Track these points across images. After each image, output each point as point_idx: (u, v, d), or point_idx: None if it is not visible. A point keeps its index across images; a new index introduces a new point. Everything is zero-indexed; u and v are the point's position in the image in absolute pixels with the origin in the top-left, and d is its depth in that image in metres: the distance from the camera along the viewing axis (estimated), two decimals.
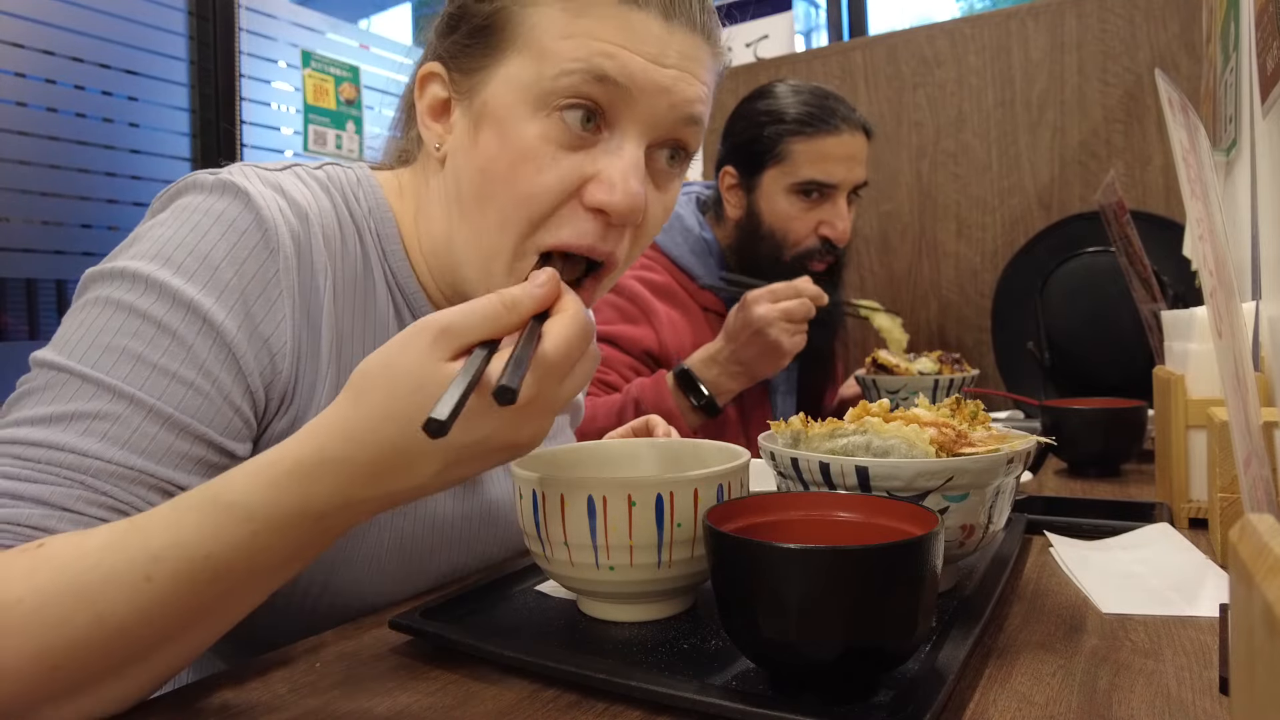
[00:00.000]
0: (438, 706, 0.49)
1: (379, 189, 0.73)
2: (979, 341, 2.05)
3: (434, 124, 0.70)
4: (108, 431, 0.55)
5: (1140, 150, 1.88)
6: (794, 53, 2.44)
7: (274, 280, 0.62)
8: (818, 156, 1.44)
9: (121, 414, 0.55)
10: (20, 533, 0.51)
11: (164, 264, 0.59)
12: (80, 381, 0.55)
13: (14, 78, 1.86)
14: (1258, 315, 0.84)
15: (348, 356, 0.68)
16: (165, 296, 0.58)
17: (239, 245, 0.61)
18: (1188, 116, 0.52)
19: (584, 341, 0.50)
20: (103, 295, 0.58)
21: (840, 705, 0.45)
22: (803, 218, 1.47)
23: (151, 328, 0.57)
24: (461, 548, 0.77)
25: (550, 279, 0.51)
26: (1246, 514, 0.25)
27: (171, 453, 0.57)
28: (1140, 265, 1.20)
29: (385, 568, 0.71)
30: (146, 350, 0.57)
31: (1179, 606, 0.60)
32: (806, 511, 0.55)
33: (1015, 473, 0.62)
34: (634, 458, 0.73)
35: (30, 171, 1.87)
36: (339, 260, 0.67)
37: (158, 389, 0.56)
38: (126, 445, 0.55)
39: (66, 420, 0.54)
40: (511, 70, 0.64)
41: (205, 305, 0.58)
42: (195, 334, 0.58)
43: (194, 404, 0.58)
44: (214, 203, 0.62)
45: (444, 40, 0.69)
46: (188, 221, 0.61)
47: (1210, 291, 0.46)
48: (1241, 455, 0.39)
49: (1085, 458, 1.13)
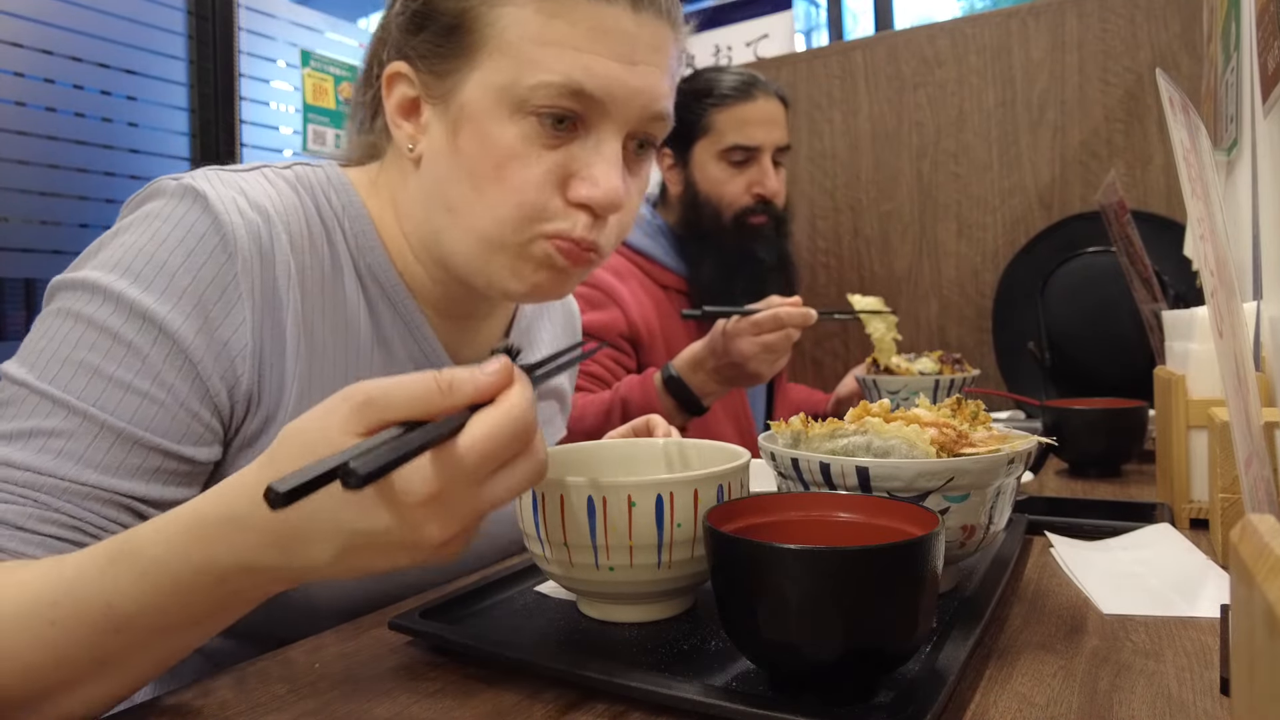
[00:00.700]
0: (438, 706, 0.49)
1: (350, 186, 0.74)
2: (980, 341, 2.05)
3: (405, 123, 0.71)
4: (62, 448, 0.56)
5: (1141, 150, 1.88)
6: (794, 52, 2.44)
7: (232, 283, 0.62)
8: (739, 123, 1.58)
9: (75, 430, 0.57)
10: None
11: (122, 273, 0.60)
12: (39, 398, 0.57)
13: (13, 77, 1.86)
14: (1259, 315, 0.84)
15: (319, 353, 0.68)
16: (122, 307, 0.59)
17: (196, 250, 0.62)
18: (1189, 116, 0.52)
19: (515, 442, 0.44)
20: (64, 307, 0.60)
21: (840, 706, 0.45)
22: (734, 181, 1.60)
23: (108, 340, 0.59)
24: None
25: (503, 368, 0.45)
26: (1247, 514, 0.25)
27: (125, 466, 0.58)
28: (1141, 265, 1.20)
29: None
30: (103, 363, 0.58)
31: (1180, 607, 0.60)
32: (807, 512, 0.55)
33: (1016, 473, 0.62)
34: (634, 458, 0.72)
35: (29, 171, 1.87)
36: (306, 257, 0.68)
37: (112, 402, 0.58)
38: (80, 461, 0.57)
39: (25, 437, 0.56)
40: (487, 75, 0.65)
41: (161, 313, 0.60)
42: (151, 344, 0.60)
43: (148, 414, 0.59)
44: (174, 208, 0.63)
45: (410, 38, 0.69)
46: (148, 229, 0.62)
47: (1211, 291, 0.46)
48: (1242, 455, 0.39)
49: (1086, 458, 1.13)
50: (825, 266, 2.26)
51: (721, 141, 1.59)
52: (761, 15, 2.89)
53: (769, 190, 1.60)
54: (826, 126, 2.24)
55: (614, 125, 0.66)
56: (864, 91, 2.19)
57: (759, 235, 1.60)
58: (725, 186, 1.60)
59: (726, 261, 1.59)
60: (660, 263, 1.63)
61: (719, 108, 1.60)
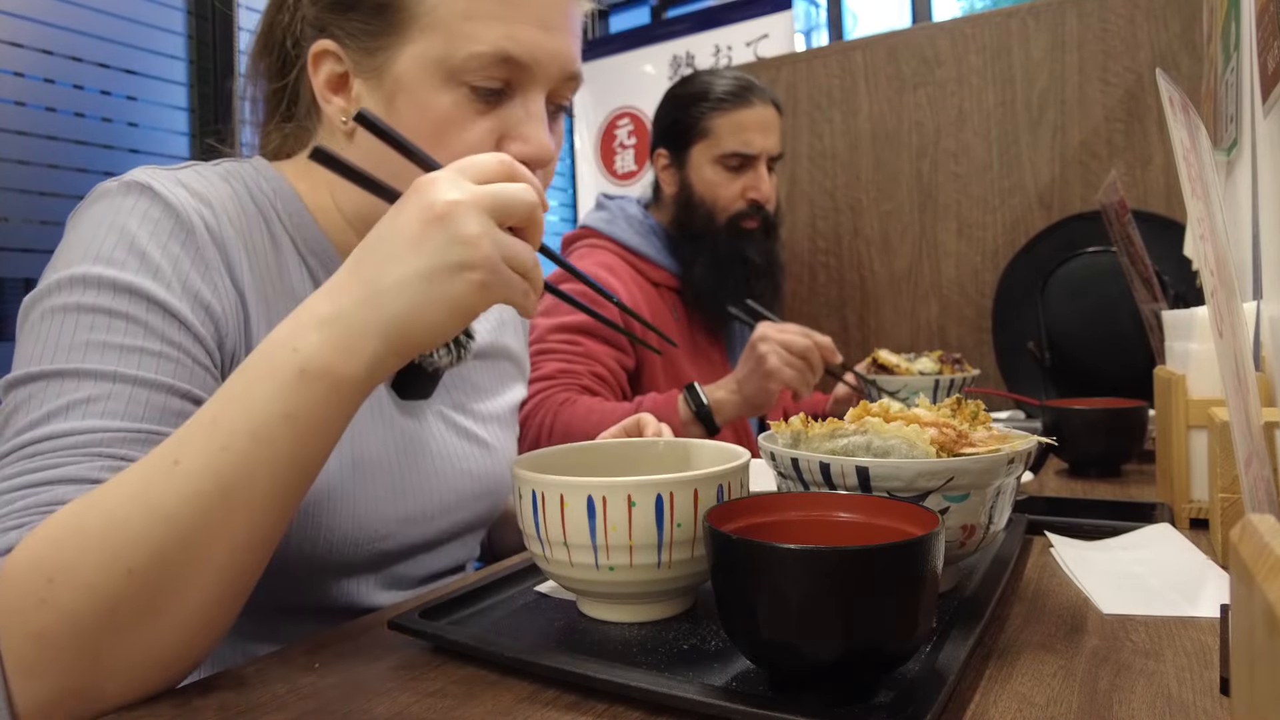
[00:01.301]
0: (438, 706, 0.49)
1: (278, 175, 0.76)
2: (980, 341, 2.05)
3: (335, 98, 0.74)
4: (104, 409, 0.58)
5: (1141, 150, 1.88)
6: (794, 52, 2.44)
7: (198, 255, 0.66)
8: (737, 129, 1.62)
9: (111, 391, 0.59)
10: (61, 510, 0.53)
11: (95, 260, 0.62)
12: (61, 379, 0.58)
13: (12, 77, 1.86)
14: (1259, 315, 0.84)
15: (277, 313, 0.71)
16: (105, 287, 0.61)
17: (157, 230, 0.64)
18: (1189, 116, 0.52)
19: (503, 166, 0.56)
20: (47, 308, 0.61)
21: (840, 706, 0.45)
22: (729, 185, 1.63)
23: (105, 317, 0.61)
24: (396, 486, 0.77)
25: None
26: (1247, 514, 0.25)
27: (168, 411, 0.60)
28: (1141, 265, 1.20)
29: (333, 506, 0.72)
30: (108, 336, 0.60)
31: (1180, 607, 0.60)
32: (806, 512, 0.55)
33: (1016, 473, 0.62)
34: (634, 458, 0.73)
35: (29, 171, 1.87)
36: (248, 237, 0.71)
37: (132, 363, 0.60)
38: (125, 415, 0.58)
39: (63, 412, 0.57)
40: (419, 49, 0.70)
41: (144, 286, 0.62)
42: (145, 311, 0.62)
43: (169, 367, 0.62)
44: (123, 201, 0.65)
45: (336, 18, 0.72)
46: (104, 222, 0.64)
47: (1211, 291, 0.46)
48: (1242, 455, 0.39)
49: (1086, 458, 1.13)
50: (825, 266, 2.26)
51: (719, 146, 1.62)
52: (761, 15, 2.89)
53: (763, 196, 1.64)
54: (826, 126, 2.24)
55: (537, 87, 0.72)
56: (864, 91, 2.19)
57: (750, 238, 1.63)
58: (720, 190, 1.63)
59: (718, 262, 1.62)
60: (652, 260, 1.66)
61: (717, 112, 1.63)
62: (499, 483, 0.88)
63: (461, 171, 0.55)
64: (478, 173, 0.55)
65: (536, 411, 1.45)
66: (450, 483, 0.81)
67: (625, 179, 3.17)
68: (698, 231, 1.64)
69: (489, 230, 0.53)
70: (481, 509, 0.86)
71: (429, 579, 0.83)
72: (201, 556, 0.51)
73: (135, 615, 0.50)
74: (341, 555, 0.73)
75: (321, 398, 0.52)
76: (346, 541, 0.73)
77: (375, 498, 0.74)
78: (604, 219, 1.69)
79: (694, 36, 3.02)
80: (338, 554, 0.72)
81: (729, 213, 1.63)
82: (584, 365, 1.50)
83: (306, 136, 0.80)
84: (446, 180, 0.54)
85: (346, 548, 0.73)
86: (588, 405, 1.41)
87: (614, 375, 1.54)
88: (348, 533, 0.73)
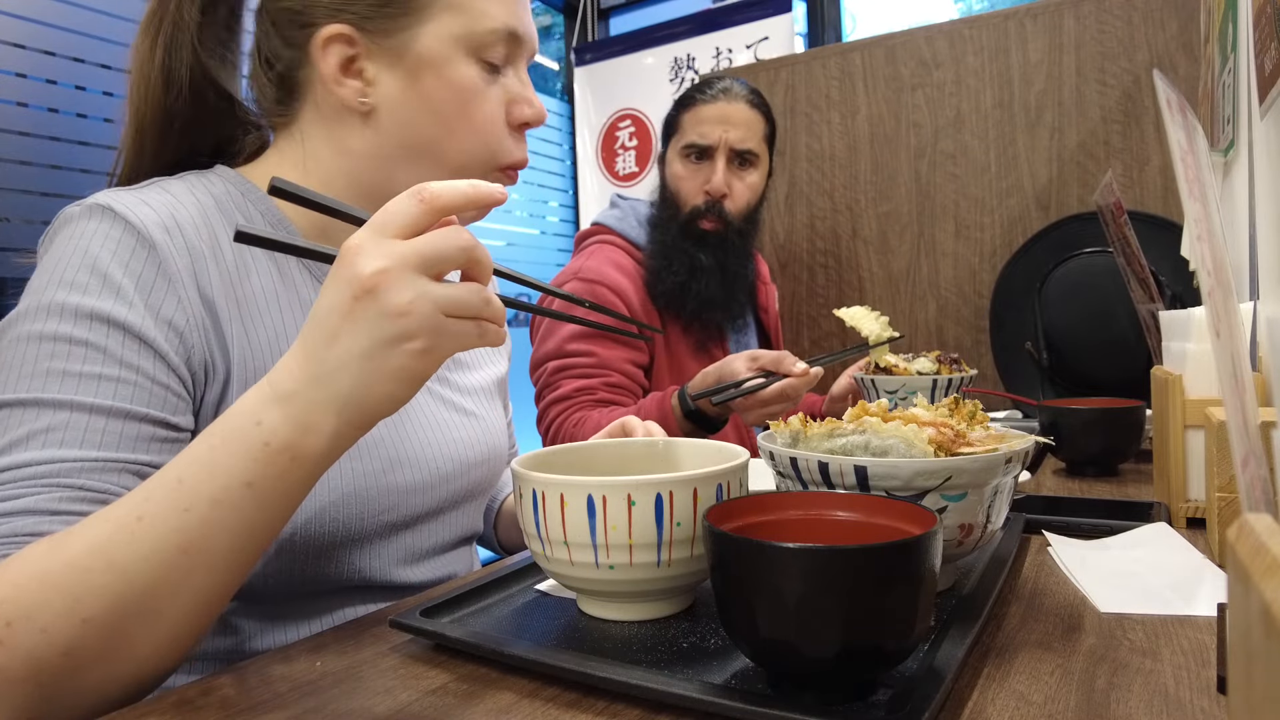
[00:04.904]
0: (438, 706, 0.49)
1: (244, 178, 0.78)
2: (977, 341, 2.05)
3: (349, 80, 0.75)
4: (63, 438, 0.59)
5: (1138, 151, 1.88)
6: (793, 54, 2.44)
7: (160, 271, 0.67)
8: (695, 121, 1.67)
9: (68, 420, 0.60)
10: (21, 542, 0.55)
11: (59, 286, 0.64)
12: (21, 409, 0.60)
13: (15, 78, 1.86)
14: (1255, 315, 0.84)
15: (251, 316, 0.72)
16: (69, 314, 0.63)
17: (119, 250, 0.66)
18: (1186, 117, 0.52)
19: (423, 211, 0.52)
20: (14, 336, 0.63)
21: (839, 704, 0.45)
22: (691, 178, 1.67)
23: (65, 345, 0.62)
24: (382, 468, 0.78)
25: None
26: (1244, 513, 0.25)
27: (125, 437, 0.61)
28: (1138, 265, 1.20)
29: None
30: (68, 365, 0.62)
31: (1177, 606, 0.60)
32: (805, 511, 0.55)
33: (1013, 472, 0.62)
34: (633, 458, 0.73)
35: (31, 172, 1.86)
36: (214, 245, 0.71)
37: (90, 390, 0.61)
38: (84, 444, 0.60)
39: (24, 442, 0.59)
40: (441, 26, 0.75)
41: (105, 309, 0.64)
42: (105, 337, 0.63)
43: (127, 392, 0.63)
44: (86, 225, 0.67)
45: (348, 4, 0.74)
46: (69, 246, 0.66)
47: (1208, 292, 0.46)
48: (1239, 455, 0.39)
49: (1083, 457, 1.13)
50: (824, 267, 2.26)
51: (683, 139, 1.68)
52: (761, 18, 2.90)
53: (715, 187, 1.64)
54: (825, 128, 2.25)
55: (524, 60, 0.81)
56: (862, 93, 2.19)
57: (704, 239, 1.64)
58: (683, 183, 1.68)
59: (668, 250, 1.65)
60: None
61: (686, 108, 1.69)
62: (492, 450, 0.90)
63: (383, 229, 0.51)
64: (399, 226, 0.51)
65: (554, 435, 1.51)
66: (444, 451, 0.83)
67: (626, 180, 3.17)
68: (664, 222, 1.69)
69: (422, 292, 0.50)
70: (478, 476, 0.88)
71: (442, 550, 0.85)
72: (158, 608, 0.52)
73: (91, 659, 0.51)
74: (349, 530, 0.74)
75: (283, 471, 0.52)
76: (353, 515, 0.74)
77: (373, 471, 0.76)
78: (616, 217, 1.75)
79: (694, 39, 3.03)
80: (345, 529, 0.74)
81: (689, 207, 1.66)
82: (599, 377, 1.54)
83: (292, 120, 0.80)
84: (370, 246, 0.51)
85: (353, 521, 0.74)
86: (596, 421, 1.46)
87: (631, 378, 1.57)
88: (353, 508, 0.74)
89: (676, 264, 1.63)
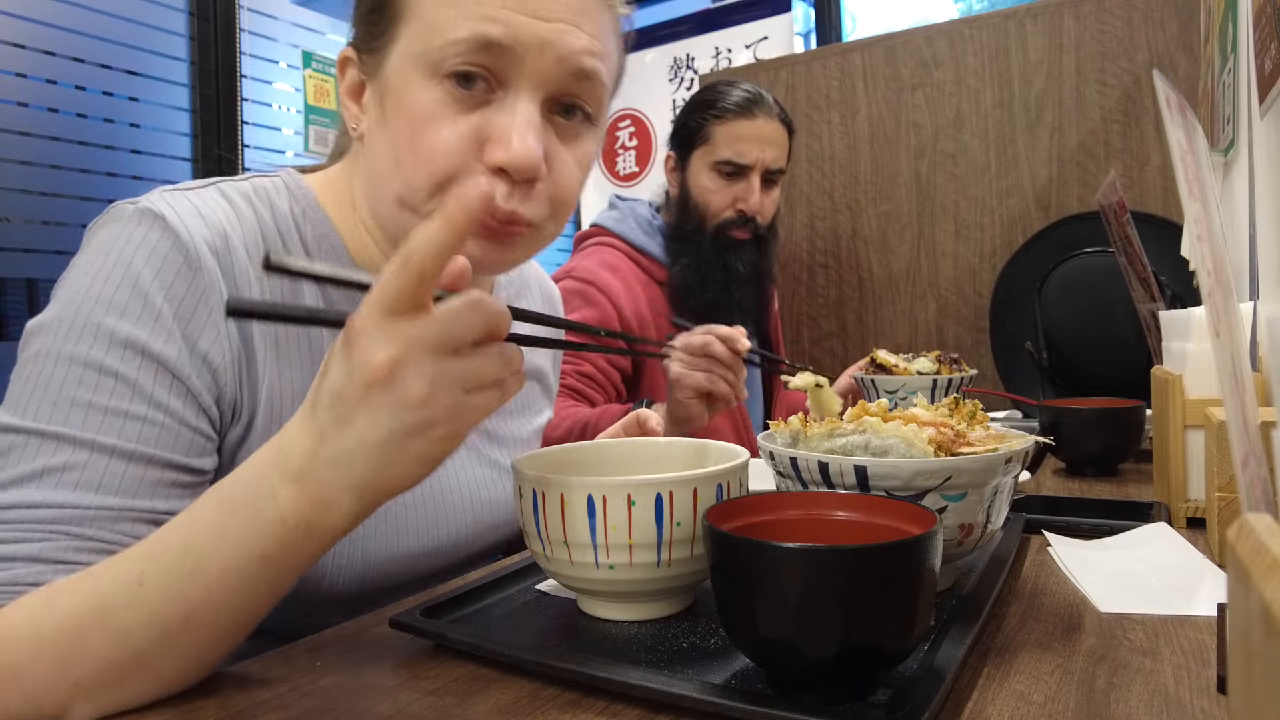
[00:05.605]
0: (439, 705, 0.49)
1: (306, 189, 0.75)
2: (977, 341, 2.05)
3: (352, 105, 0.72)
4: (79, 480, 0.57)
5: (1138, 151, 1.88)
6: (793, 54, 2.44)
7: (203, 298, 0.63)
8: (733, 138, 1.63)
9: (87, 461, 0.57)
10: (20, 591, 0.53)
11: (97, 303, 0.60)
12: (40, 439, 0.57)
13: (15, 78, 1.86)
14: (1255, 315, 0.84)
15: (286, 358, 0.69)
16: (102, 339, 0.59)
17: (164, 269, 0.62)
18: (1186, 117, 0.52)
19: (474, 313, 0.47)
20: (45, 349, 0.60)
21: (839, 704, 0.45)
22: (721, 193, 1.65)
23: (95, 374, 0.59)
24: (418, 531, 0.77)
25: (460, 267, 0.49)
26: (1244, 513, 0.25)
27: (144, 484, 0.59)
28: (1139, 265, 1.20)
29: None
30: (95, 397, 0.58)
31: (1177, 606, 0.60)
32: (805, 511, 0.55)
33: (1013, 472, 0.62)
34: (633, 457, 0.73)
35: (31, 172, 1.87)
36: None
37: (114, 429, 0.58)
38: (99, 489, 0.57)
39: (37, 478, 0.56)
40: (404, 44, 0.65)
41: (142, 338, 0.60)
42: (137, 370, 0.60)
43: (151, 434, 0.59)
44: (134, 231, 0.63)
45: (354, 24, 0.71)
46: (113, 254, 0.62)
47: (1208, 291, 0.46)
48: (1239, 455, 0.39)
49: (1083, 457, 1.13)
50: (824, 267, 2.26)
51: (715, 153, 1.64)
52: (761, 18, 2.90)
53: (751, 208, 1.65)
54: (825, 127, 2.25)
55: (529, 83, 0.64)
56: (862, 93, 2.19)
57: (738, 248, 1.65)
58: (712, 196, 1.65)
59: (701, 266, 1.64)
60: (656, 258, 1.69)
61: (719, 120, 1.64)
62: None
63: (387, 308, 0.45)
64: (400, 304, 0.45)
65: None
66: (469, 514, 0.81)
67: (627, 180, 3.17)
68: (688, 233, 1.67)
69: (440, 374, 0.46)
70: (495, 539, 0.85)
71: None
72: (155, 667, 0.51)
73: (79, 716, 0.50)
74: (360, 588, 0.72)
75: (298, 544, 0.50)
76: (365, 578, 0.72)
77: (390, 533, 0.74)
78: (614, 218, 1.74)
79: (694, 39, 3.03)
80: (356, 588, 0.72)
81: (718, 220, 1.65)
82: (570, 364, 1.51)
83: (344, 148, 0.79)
84: (376, 329, 0.45)
85: (365, 581, 0.72)
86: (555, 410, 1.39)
87: (603, 374, 1.56)
88: (367, 570, 0.72)
89: (710, 279, 1.62)
